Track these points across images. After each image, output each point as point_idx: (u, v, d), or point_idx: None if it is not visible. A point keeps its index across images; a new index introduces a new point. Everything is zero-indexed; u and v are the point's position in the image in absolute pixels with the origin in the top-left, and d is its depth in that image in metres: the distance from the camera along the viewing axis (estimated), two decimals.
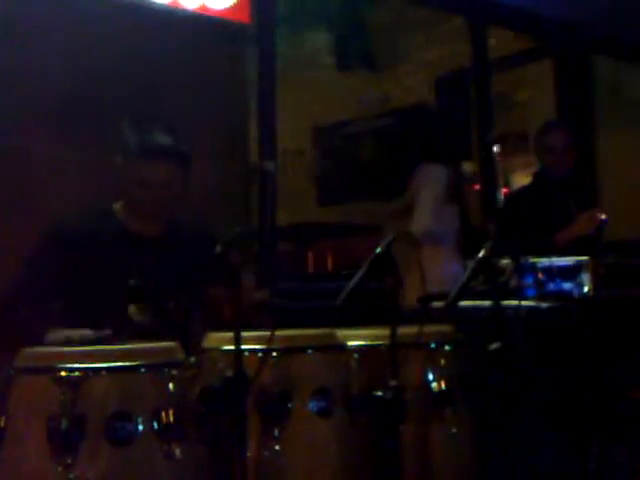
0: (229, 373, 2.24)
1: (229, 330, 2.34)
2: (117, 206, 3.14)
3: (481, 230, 4.66)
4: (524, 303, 3.12)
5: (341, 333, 2.71)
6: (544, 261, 3.41)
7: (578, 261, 3.39)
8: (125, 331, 2.87)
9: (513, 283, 3.20)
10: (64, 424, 2.06)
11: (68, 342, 2.51)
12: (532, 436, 3.16)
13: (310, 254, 6.02)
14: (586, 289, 3.37)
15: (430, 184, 4.51)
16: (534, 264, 3.41)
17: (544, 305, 3.36)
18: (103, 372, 2.16)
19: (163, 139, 3.05)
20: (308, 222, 6.42)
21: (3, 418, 2.17)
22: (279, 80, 5.02)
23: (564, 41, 6.55)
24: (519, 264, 3.21)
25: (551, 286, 3.40)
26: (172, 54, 4.27)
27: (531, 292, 3.41)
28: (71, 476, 2.07)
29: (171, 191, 3.04)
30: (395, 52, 7.61)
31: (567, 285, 3.39)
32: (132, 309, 2.95)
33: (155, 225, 3.12)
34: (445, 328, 2.93)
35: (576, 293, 3.39)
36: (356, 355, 2.68)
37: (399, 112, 7.61)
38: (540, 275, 3.41)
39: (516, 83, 6.95)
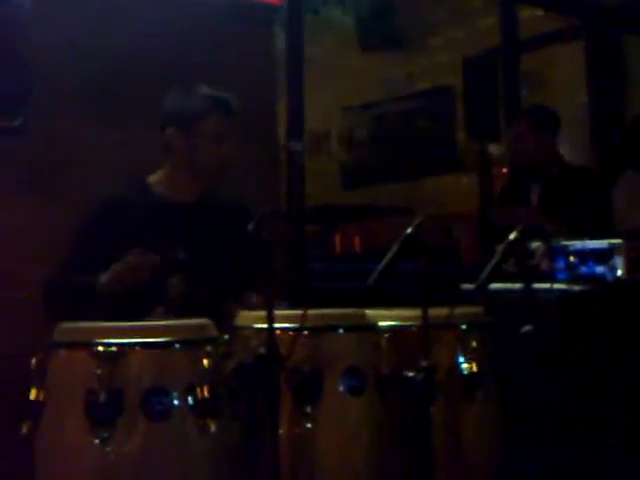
0: (262, 351, 2.25)
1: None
2: (153, 178, 3.17)
3: None
4: (556, 286, 3.12)
5: (372, 313, 2.71)
6: (576, 244, 3.41)
7: (611, 244, 3.39)
8: (163, 303, 2.92)
9: (544, 266, 3.20)
10: (102, 398, 2.09)
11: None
12: (561, 419, 3.16)
13: (337, 236, 6.03)
14: (619, 272, 3.36)
15: None
16: (566, 247, 3.41)
17: (576, 288, 3.35)
18: (139, 347, 2.18)
19: (225, 94, 3.11)
20: (335, 204, 6.44)
21: (43, 392, 2.20)
22: (305, 61, 5.03)
23: (596, 21, 6.49)
24: (550, 247, 3.21)
25: (583, 269, 3.39)
26: (202, 35, 4.27)
27: (562, 275, 3.41)
28: (108, 449, 2.09)
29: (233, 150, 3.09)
30: (422, 31, 7.59)
31: (599, 268, 3.38)
32: (170, 281, 2.98)
33: (192, 194, 3.15)
34: (476, 310, 2.93)
35: (609, 276, 3.39)
36: (387, 335, 2.68)
37: (425, 93, 7.60)
38: (572, 258, 3.40)
39: (546, 63, 6.90)
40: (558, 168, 4.47)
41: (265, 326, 2.27)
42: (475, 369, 2.77)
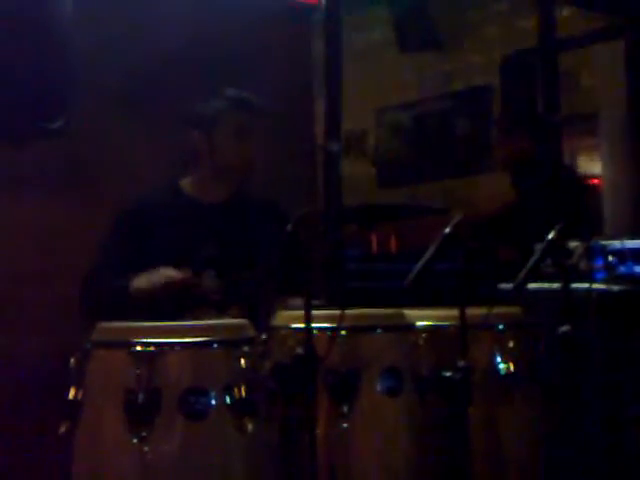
0: (299, 351, 2.25)
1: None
2: (184, 181, 3.19)
3: None
4: (594, 286, 3.10)
5: (409, 313, 2.70)
6: (615, 244, 3.39)
7: None
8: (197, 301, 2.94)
9: (583, 266, 3.18)
10: (140, 398, 2.10)
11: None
12: (600, 419, 3.14)
13: (374, 236, 6.03)
14: None
15: None
16: (604, 246, 3.39)
17: (615, 288, 3.33)
18: (177, 347, 2.19)
19: (248, 94, 3.13)
20: (372, 204, 6.42)
21: (81, 392, 2.22)
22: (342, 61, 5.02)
23: (636, 20, 6.42)
24: (589, 246, 3.19)
25: (622, 269, 3.37)
26: (239, 34, 4.28)
27: (601, 275, 3.38)
28: (146, 449, 2.11)
29: (259, 148, 3.11)
30: (459, 31, 7.56)
31: (638, 268, 3.36)
32: (204, 279, 2.99)
33: (221, 194, 3.16)
34: (514, 310, 2.91)
35: None
36: (424, 335, 2.68)
37: (463, 93, 7.57)
38: (610, 258, 3.38)
39: (584, 64, 6.85)
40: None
41: (302, 326, 2.27)
42: (512, 369, 2.76)
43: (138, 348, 2.16)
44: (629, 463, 3.23)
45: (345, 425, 2.41)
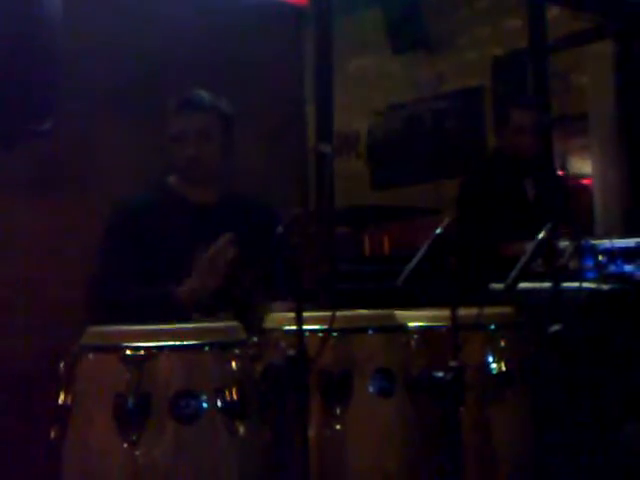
0: (291, 353, 2.25)
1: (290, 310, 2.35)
2: (171, 178, 3.20)
3: None
4: (584, 285, 3.11)
5: (401, 314, 2.71)
6: (605, 243, 3.40)
7: (639, 243, 3.37)
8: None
9: (573, 265, 3.18)
10: (130, 402, 2.09)
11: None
12: (591, 419, 3.15)
13: (366, 237, 6.03)
14: None
15: None
16: (594, 246, 3.40)
17: (605, 287, 3.34)
18: (167, 351, 2.18)
19: (198, 94, 3.11)
20: (364, 205, 6.43)
21: (70, 396, 2.21)
22: (334, 63, 5.03)
23: (626, 20, 6.44)
24: (579, 246, 3.20)
25: (612, 268, 3.38)
26: (231, 37, 4.28)
27: (591, 274, 3.40)
28: (137, 453, 2.09)
29: (209, 148, 3.09)
30: (451, 33, 7.58)
31: (628, 267, 3.37)
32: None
33: (210, 193, 3.17)
34: (505, 310, 2.92)
35: (637, 275, 3.37)
36: (416, 336, 2.68)
37: (455, 94, 7.58)
38: (600, 257, 3.39)
39: (574, 64, 6.87)
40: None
41: (294, 328, 2.27)
42: (504, 369, 2.77)
43: (128, 352, 2.14)
44: (619, 462, 3.24)
45: (337, 426, 2.41)
